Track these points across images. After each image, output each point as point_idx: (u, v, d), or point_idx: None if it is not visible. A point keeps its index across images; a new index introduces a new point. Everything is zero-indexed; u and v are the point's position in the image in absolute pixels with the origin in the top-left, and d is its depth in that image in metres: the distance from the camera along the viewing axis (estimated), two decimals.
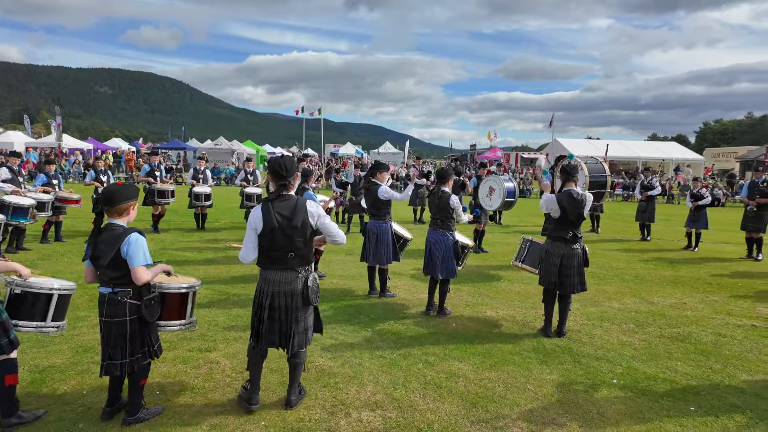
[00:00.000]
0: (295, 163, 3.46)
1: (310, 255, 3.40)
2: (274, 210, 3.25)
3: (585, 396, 3.78)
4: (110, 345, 3.11)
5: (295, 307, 3.33)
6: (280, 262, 3.30)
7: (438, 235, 5.63)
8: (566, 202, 5.02)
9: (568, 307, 5.16)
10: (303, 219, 3.27)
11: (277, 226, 3.22)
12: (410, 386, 3.87)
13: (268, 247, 3.28)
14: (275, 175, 3.34)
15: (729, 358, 4.58)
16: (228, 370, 4.07)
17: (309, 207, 3.33)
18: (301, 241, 3.29)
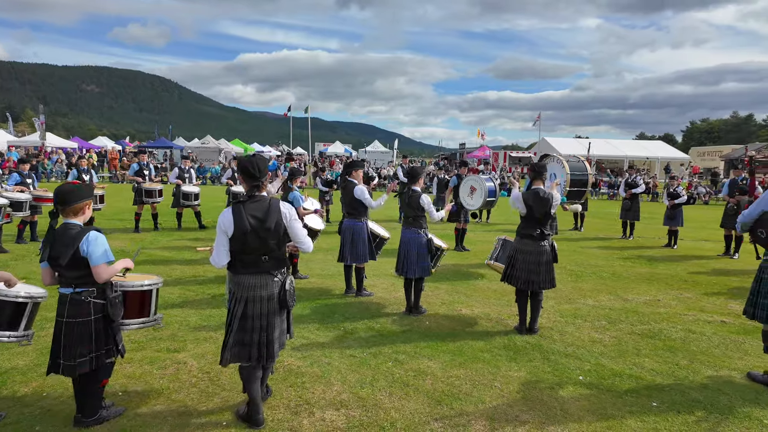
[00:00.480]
0: (266, 163, 3.40)
1: (284, 257, 3.29)
2: (246, 212, 3.11)
3: (550, 393, 3.80)
4: (74, 346, 3.05)
5: (271, 312, 3.19)
6: (254, 265, 3.17)
7: (411, 234, 5.63)
8: (532, 200, 5.05)
9: (539, 305, 5.19)
10: (277, 220, 3.16)
11: (249, 229, 3.08)
12: (377, 385, 3.86)
13: (240, 251, 3.14)
14: (247, 175, 3.19)
15: (696, 354, 4.63)
16: (195, 371, 4.03)
17: (282, 208, 3.23)
18: (275, 243, 3.18)
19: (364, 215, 6.20)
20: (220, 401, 3.57)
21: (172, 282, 6.74)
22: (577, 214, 12.96)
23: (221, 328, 4.96)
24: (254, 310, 3.16)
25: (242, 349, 3.17)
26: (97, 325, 3.11)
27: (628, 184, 11.85)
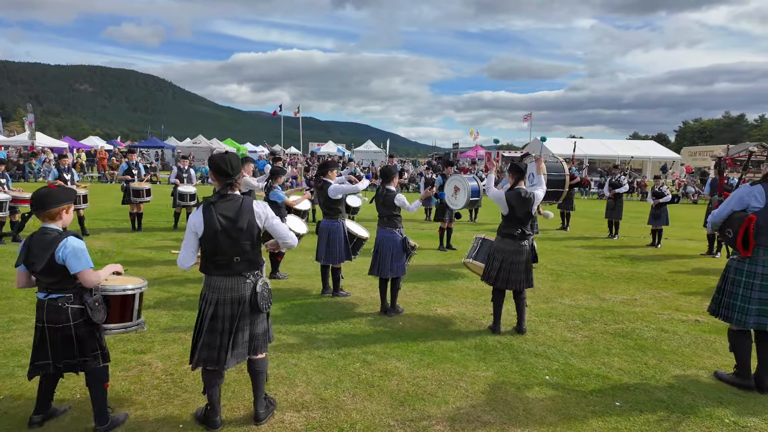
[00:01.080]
0: (240, 161, 3.30)
1: (258, 258, 3.18)
2: (216, 212, 3.02)
3: (515, 393, 3.79)
4: (59, 350, 3.00)
5: (241, 315, 3.11)
6: (226, 267, 3.07)
7: (385, 233, 5.61)
8: (514, 200, 5.04)
9: (523, 303, 5.18)
10: (249, 220, 3.06)
11: (220, 229, 2.99)
12: (342, 386, 3.83)
13: (211, 252, 3.05)
14: (220, 173, 3.07)
15: (666, 353, 4.63)
16: (159, 372, 3.99)
17: (255, 207, 3.12)
18: (248, 244, 3.08)
19: (341, 215, 6.16)
20: (179, 403, 3.52)
21: (150, 282, 6.64)
22: (564, 213, 12.98)
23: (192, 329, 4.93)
24: (224, 312, 3.09)
25: (210, 352, 3.10)
26: (78, 331, 3.03)
27: (611, 183, 11.88)
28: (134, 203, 10.73)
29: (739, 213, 3.88)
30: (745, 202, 3.88)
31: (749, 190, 3.89)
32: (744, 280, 3.89)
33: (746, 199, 3.87)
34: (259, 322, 3.23)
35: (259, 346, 3.22)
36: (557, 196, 7.80)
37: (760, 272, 3.83)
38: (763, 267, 3.82)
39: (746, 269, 3.89)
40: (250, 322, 3.16)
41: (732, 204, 3.96)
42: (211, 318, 3.09)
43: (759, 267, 3.83)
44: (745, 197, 3.88)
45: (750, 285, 3.85)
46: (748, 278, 3.87)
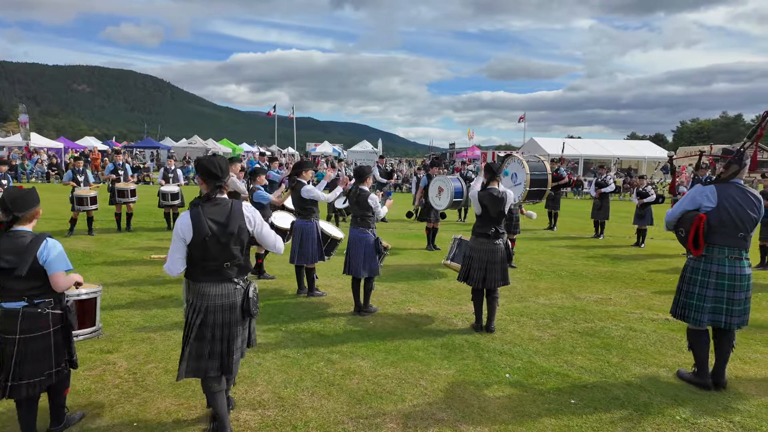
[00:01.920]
0: (228, 162, 3.18)
1: (248, 263, 3.10)
2: (206, 216, 2.90)
3: (474, 391, 3.82)
4: (31, 363, 2.90)
5: (234, 322, 3.01)
6: (216, 273, 2.96)
7: (358, 233, 5.63)
8: (486, 200, 5.09)
9: (496, 302, 5.23)
10: (240, 225, 2.96)
11: (210, 234, 2.88)
12: (302, 385, 3.86)
13: (200, 258, 2.93)
14: (209, 175, 2.96)
15: (630, 352, 4.67)
16: (122, 372, 4.01)
17: (246, 212, 3.03)
18: (239, 250, 2.99)
19: (314, 215, 6.19)
20: (138, 402, 3.55)
21: (127, 282, 6.71)
22: (552, 213, 13.02)
23: (163, 329, 4.97)
24: (215, 320, 2.97)
25: (200, 362, 2.98)
26: (56, 338, 3.00)
27: (597, 183, 11.93)
28: (119, 203, 10.80)
29: (691, 212, 3.91)
30: (697, 202, 3.90)
31: (701, 190, 3.92)
32: (700, 279, 3.92)
33: (698, 199, 3.90)
34: (246, 328, 3.16)
35: (243, 351, 3.18)
36: (540, 195, 7.82)
37: (714, 271, 3.86)
38: (718, 266, 3.85)
39: (702, 268, 3.92)
40: (242, 328, 3.09)
41: (685, 204, 4.00)
42: (200, 327, 2.97)
43: (714, 266, 3.87)
44: (698, 197, 3.91)
45: (705, 284, 3.89)
46: (704, 277, 3.90)
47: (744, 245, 3.86)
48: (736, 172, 3.91)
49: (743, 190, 3.85)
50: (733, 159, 3.88)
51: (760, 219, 3.91)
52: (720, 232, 3.83)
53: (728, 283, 3.82)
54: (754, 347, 4.87)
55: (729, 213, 3.78)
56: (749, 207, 3.80)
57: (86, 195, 10.03)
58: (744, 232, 3.81)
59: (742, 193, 3.83)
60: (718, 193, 3.84)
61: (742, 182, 3.95)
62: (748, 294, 3.88)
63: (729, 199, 3.80)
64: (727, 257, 3.84)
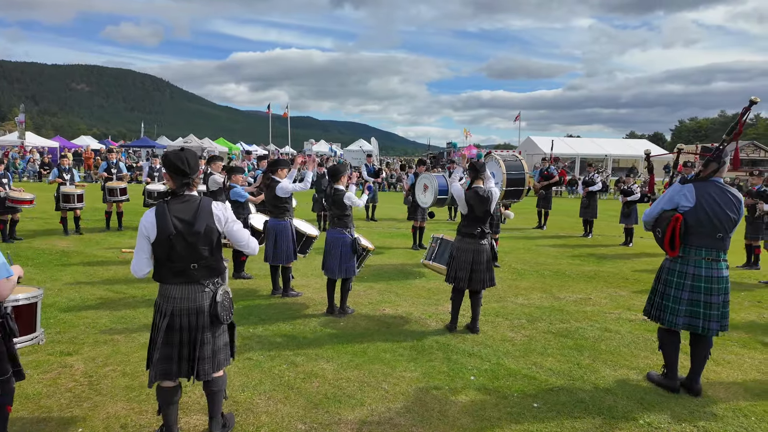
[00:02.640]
0: (198, 158, 3.02)
1: (219, 265, 2.94)
2: (171, 213, 2.77)
3: (436, 394, 3.72)
4: None
5: (201, 327, 2.86)
6: (183, 274, 2.83)
7: (335, 234, 5.54)
8: (472, 199, 5.00)
9: (479, 303, 5.14)
10: (207, 223, 2.82)
11: (175, 233, 2.75)
12: (260, 388, 3.76)
13: (166, 258, 2.81)
14: (176, 171, 2.82)
15: (602, 353, 4.57)
16: (78, 375, 3.91)
17: (215, 209, 2.88)
18: (207, 250, 2.84)
19: (288, 213, 6.09)
20: (88, 407, 3.45)
21: (100, 282, 6.61)
22: (542, 212, 12.96)
23: (129, 330, 4.88)
24: (181, 324, 2.84)
25: (167, 365, 2.87)
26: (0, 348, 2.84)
27: (585, 182, 11.85)
28: (109, 202, 10.75)
29: (669, 212, 3.81)
30: (675, 202, 3.80)
31: (679, 189, 3.82)
32: (675, 281, 3.82)
33: (676, 199, 3.80)
34: (220, 335, 3.00)
35: (219, 362, 2.99)
36: (517, 195, 7.72)
37: (691, 272, 3.75)
38: (694, 267, 3.74)
39: (677, 269, 3.82)
40: (211, 334, 2.91)
41: (662, 203, 3.90)
42: (167, 330, 2.85)
43: (690, 267, 3.76)
44: (675, 196, 3.81)
45: (681, 285, 3.78)
46: (680, 278, 3.80)
47: (722, 246, 3.74)
48: (716, 170, 3.80)
49: (723, 190, 3.73)
50: (712, 157, 3.78)
51: (740, 219, 3.79)
52: (697, 233, 3.72)
53: (705, 285, 3.71)
54: (730, 348, 4.78)
55: (707, 213, 3.67)
56: (728, 207, 3.69)
57: (72, 193, 9.97)
58: (722, 232, 3.70)
59: (722, 193, 3.72)
60: (697, 192, 3.73)
61: (722, 181, 3.84)
62: (726, 297, 3.75)
63: (707, 199, 3.69)
64: (704, 258, 3.73)
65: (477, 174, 5.09)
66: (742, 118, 3.74)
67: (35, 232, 10.17)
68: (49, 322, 5.02)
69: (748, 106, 3.68)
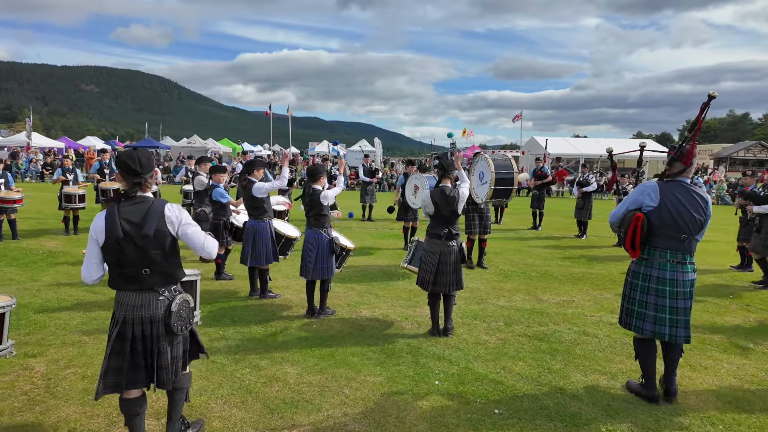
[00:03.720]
0: (152, 158, 2.91)
1: (175, 271, 2.83)
2: (120, 216, 2.66)
3: (396, 399, 3.64)
4: None
5: (155, 337, 2.75)
6: (135, 281, 2.71)
7: (313, 234, 5.46)
8: (438, 198, 4.92)
9: (452, 303, 5.04)
10: (158, 226, 2.69)
11: (122, 237, 2.63)
12: (218, 392, 3.70)
13: (116, 263, 2.70)
14: (127, 171, 2.72)
15: (575, 358, 4.46)
16: (37, 377, 3.87)
17: (167, 211, 2.75)
18: (160, 255, 2.72)
19: (266, 215, 6.03)
20: (41, 410, 3.40)
21: (79, 283, 6.58)
22: (536, 213, 12.84)
23: (99, 332, 4.84)
24: (134, 333, 2.72)
25: (117, 377, 2.74)
26: None
27: (579, 182, 11.71)
28: (102, 202, 10.78)
29: (633, 212, 3.70)
30: (639, 201, 3.69)
31: (644, 189, 3.71)
32: (640, 284, 3.71)
33: (640, 198, 3.69)
34: (179, 343, 2.87)
35: (184, 364, 2.91)
36: (507, 194, 7.60)
37: (655, 275, 3.64)
38: (659, 270, 3.63)
39: (642, 272, 3.71)
40: (168, 344, 2.79)
41: (627, 203, 3.78)
42: (117, 339, 2.74)
43: (654, 270, 3.65)
44: (639, 196, 3.70)
45: (646, 289, 3.67)
46: (644, 282, 3.69)
47: (687, 249, 3.62)
48: (682, 170, 3.69)
49: (688, 190, 3.61)
50: (675, 155, 3.66)
51: (707, 220, 3.67)
52: (661, 234, 3.60)
53: (669, 289, 3.59)
54: (709, 353, 4.66)
55: (671, 213, 3.56)
56: (693, 208, 3.57)
57: (75, 193, 10.07)
58: (687, 234, 3.58)
59: (687, 193, 3.59)
60: (661, 192, 3.62)
61: (688, 181, 3.72)
62: (689, 304, 3.61)
63: (671, 199, 3.57)
64: (669, 261, 3.61)
65: (444, 173, 5.00)
66: (701, 114, 3.61)
67: (28, 231, 10.19)
68: (20, 324, 4.99)
69: (707, 102, 3.55)
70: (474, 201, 7.79)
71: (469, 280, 7.26)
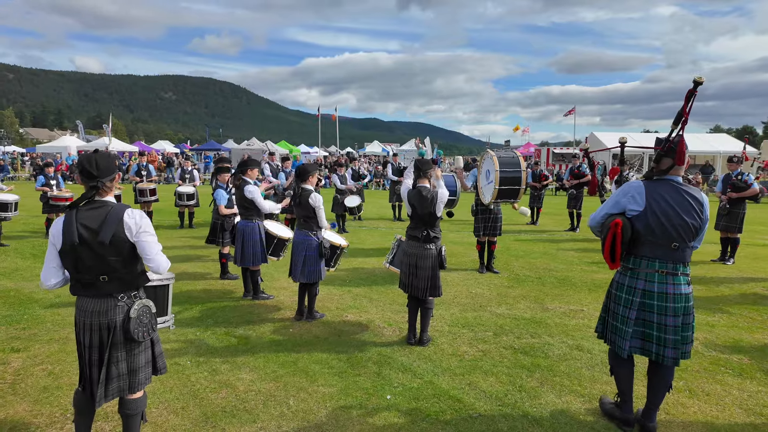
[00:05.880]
0: (113, 162, 2.84)
1: (135, 277, 2.77)
2: (77, 221, 2.63)
3: (339, 413, 3.43)
4: None
5: (112, 345, 2.70)
6: (92, 287, 2.69)
7: (301, 236, 5.35)
8: (414, 199, 4.66)
9: (428, 313, 4.77)
10: (115, 233, 2.63)
11: (78, 242, 2.61)
12: (164, 397, 3.67)
13: (73, 268, 2.67)
14: (84, 174, 2.68)
15: (556, 375, 4.02)
16: (9, 373, 4.03)
17: (126, 218, 2.68)
18: (118, 261, 2.66)
19: (257, 215, 6.00)
20: None
21: None
22: (573, 213, 12.12)
23: None
24: (91, 340, 2.70)
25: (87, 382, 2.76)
26: None
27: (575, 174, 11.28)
28: (140, 203, 11.42)
29: (614, 217, 3.24)
30: (621, 205, 3.21)
31: (627, 190, 3.23)
32: (624, 297, 3.24)
33: (623, 201, 3.20)
34: (140, 353, 2.80)
35: (138, 382, 2.80)
36: (514, 194, 7.10)
37: (640, 288, 3.16)
38: (645, 282, 3.14)
39: (626, 283, 3.24)
40: (126, 352, 2.75)
41: (608, 205, 3.33)
42: (82, 345, 2.74)
43: (640, 282, 3.17)
44: (622, 198, 3.21)
45: (629, 302, 3.20)
46: (628, 295, 3.21)
47: (680, 258, 3.11)
48: (671, 166, 3.20)
49: (678, 191, 3.11)
50: (662, 150, 3.18)
51: (704, 225, 3.15)
52: (649, 242, 3.12)
53: (657, 303, 3.11)
54: (720, 376, 4.04)
55: (658, 218, 3.07)
56: (684, 211, 3.06)
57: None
58: (679, 242, 3.07)
59: (677, 194, 3.10)
60: (647, 193, 3.14)
61: (680, 179, 3.21)
62: (687, 320, 3.12)
63: (659, 201, 3.09)
64: (657, 272, 3.12)
65: (420, 172, 4.71)
66: (687, 102, 3.09)
67: None
68: (23, 318, 5.28)
69: (693, 89, 3.04)
70: (482, 202, 7.37)
71: (476, 285, 6.87)
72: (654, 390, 3.26)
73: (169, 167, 27.84)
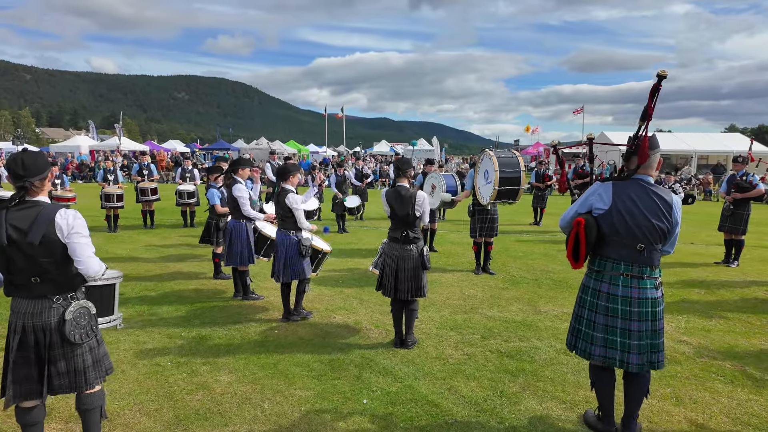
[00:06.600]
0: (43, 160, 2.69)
1: (70, 279, 2.70)
2: (7, 222, 2.57)
3: (313, 417, 3.37)
4: None
5: (50, 346, 2.67)
6: (25, 288, 2.64)
7: (282, 236, 5.33)
8: (393, 199, 4.60)
9: (413, 315, 4.70)
10: (45, 234, 2.56)
11: (6, 243, 2.55)
12: (140, 398, 3.64)
13: (5, 270, 2.63)
14: (11, 174, 2.63)
15: (540, 380, 3.92)
16: None
17: (58, 218, 2.59)
18: (50, 263, 2.60)
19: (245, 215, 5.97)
20: None
21: None
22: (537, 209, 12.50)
23: None
24: (27, 341, 2.66)
25: (30, 386, 2.68)
26: None
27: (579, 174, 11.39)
28: (142, 201, 11.52)
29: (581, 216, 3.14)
30: (588, 203, 3.13)
31: (595, 189, 3.15)
32: (589, 300, 3.15)
33: (590, 200, 3.12)
34: (82, 354, 2.74)
35: (88, 379, 2.75)
36: (513, 194, 6.99)
37: (605, 291, 3.07)
38: (609, 284, 3.05)
39: (591, 286, 3.14)
40: (63, 354, 2.70)
41: (577, 205, 3.23)
42: (20, 348, 2.67)
43: (604, 285, 3.08)
44: (590, 197, 3.14)
45: (594, 306, 3.11)
46: (593, 298, 3.12)
47: (647, 261, 2.99)
48: (637, 167, 3.08)
49: (647, 191, 3.00)
50: (631, 148, 3.07)
51: (674, 228, 3.04)
52: (613, 242, 3.03)
53: (621, 308, 3.01)
54: (709, 383, 3.91)
55: (623, 216, 2.98)
56: (650, 212, 2.96)
57: (113, 193, 10.83)
58: (645, 243, 2.97)
59: (644, 194, 2.99)
60: (614, 192, 3.05)
61: (651, 179, 3.11)
62: (656, 326, 3.01)
63: (624, 200, 3.00)
64: (622, 275, 3.03)
65: (399, 172, 4.64)
66: (652, 98, 2.98)
67: None
68: None
69: (657, 83, 2.92)
70: (479, 202, 7.27)
71: (470, 286, 6.77)
72: (629, 398, 3.16)
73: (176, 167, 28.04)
